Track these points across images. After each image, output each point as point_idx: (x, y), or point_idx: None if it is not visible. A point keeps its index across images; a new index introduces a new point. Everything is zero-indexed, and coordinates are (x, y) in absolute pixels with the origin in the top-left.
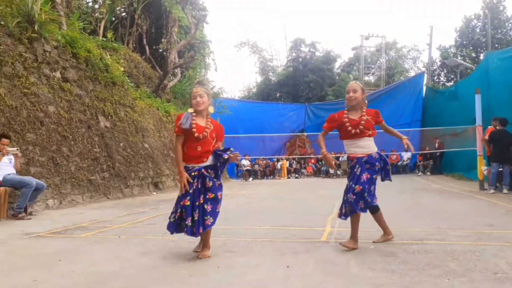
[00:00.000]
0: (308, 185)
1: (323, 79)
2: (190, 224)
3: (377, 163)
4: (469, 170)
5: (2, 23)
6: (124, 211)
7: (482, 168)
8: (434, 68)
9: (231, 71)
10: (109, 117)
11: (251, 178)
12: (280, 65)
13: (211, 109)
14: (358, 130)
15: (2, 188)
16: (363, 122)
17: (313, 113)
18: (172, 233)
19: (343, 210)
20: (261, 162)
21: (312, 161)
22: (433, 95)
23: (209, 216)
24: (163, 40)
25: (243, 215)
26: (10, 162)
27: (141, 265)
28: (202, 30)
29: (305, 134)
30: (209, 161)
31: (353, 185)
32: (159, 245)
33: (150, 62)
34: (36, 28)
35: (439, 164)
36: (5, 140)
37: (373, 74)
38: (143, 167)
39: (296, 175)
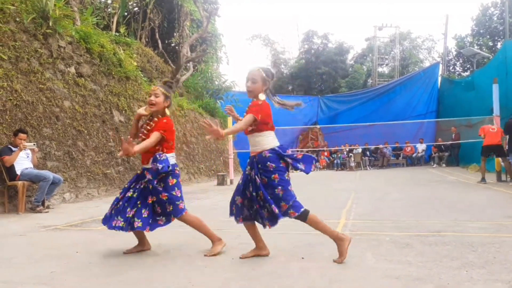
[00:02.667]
0: (322, 178)
1: (336, 70)
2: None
3: (268, 163)
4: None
5: (17, 19)
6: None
7: (499, 159)
8: (450, 58)
9: (243, 64)
10: (123, 111)
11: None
12: (292, 58)
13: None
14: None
15: (20, 182)
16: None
17: (326, 106)
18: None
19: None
20: None
21: (325, 154)
22: (449, 85)
23: (161, 217)
24: (175, 34)
25: None
26: (28, 156)
27: (156, 256)
28: (214, 23)
29: (318, 126)
30: (150, 164)
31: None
32: (173, 237)
33: (162, 56)
34: (50, 24)
35: (457, 155)
36: (22, 135)
37: (387, 65)
38: None
39: None
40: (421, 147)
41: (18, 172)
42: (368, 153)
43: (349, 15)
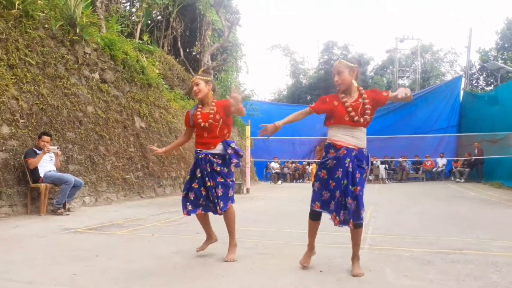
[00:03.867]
0: None
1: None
2: (204, 203)
3: (364, 162)
4: (509, 178)
5: (46, 26)
6: (157, 210)
7: None
8: (473, 71)
9: (262, 73)
10: (144, 117)
11: (280, 181)
12: (312, 68)
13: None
14: (358, 116)
15: (43, 184)
16: (364, 106)
17: None
18: (189, 214)
19: (342, 217)
20: (291, 165)
21: None
22: (471, 99)
23: (219, 200)
24: (196, 43)
25: (274, 217)
26: (51, 159)
27: (175, 264)
28: (235, 33)
29: None
30: (217, 149)
31: (350, 186)
32: (192, 244)
33: (184, 64)
34: (77, 31)
35: (481, 171)
36: (45, 137)
37: (407, 77)
38: (176, 167)
39: None
40: (441, 161)
41: (42, 175)
42: (387, 166)
43: (370, 26)
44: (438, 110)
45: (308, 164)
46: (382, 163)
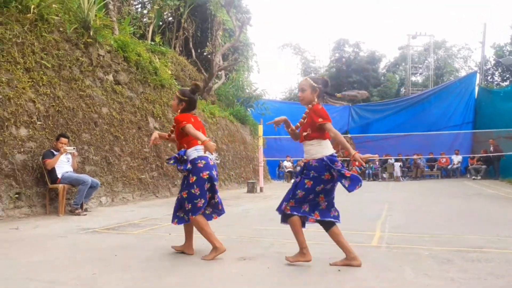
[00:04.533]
0: None
1: (368, 79)
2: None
3: (312, 171)
4: None
5: (61, 29)
6: (173, 210)
7: None
8: (488, 67)
9: (273, 72)
10: (158, 118)
11: (293, 180)
12: (323, 66)
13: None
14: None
15: (61, 185)
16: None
17: (358, 115)
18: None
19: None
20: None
21: (357, 163)
22: (487, 95)
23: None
24: (208, 43)
25: None
26: (68, 160)
27: (192, 263)
28: (246, 32)
29: (349, 135)
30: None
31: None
32: (208, 244)
33: (195, 65)
34: (91, 33)
35: (497, 168)
36: (63, 139)
37: (420, 74)
38: None
39: None
40: (456, 158)
41: (59, 176)
42: (401, 164)
43: (381, 23)
44: (452, 107)
45: None
46: (396, 161)
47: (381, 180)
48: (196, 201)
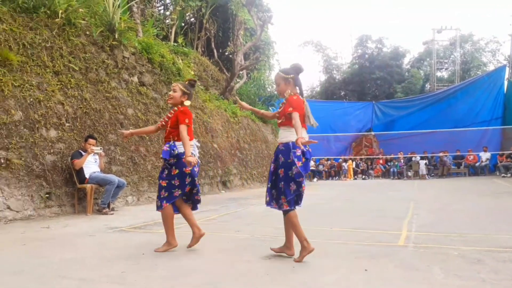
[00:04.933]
0: (377, 187)
1: (391, 75)
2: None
3: (280, 155)
4: None
5: (87, 32)
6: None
7: None
8: None
9: None
10: None
11: (315, 179)
12: (345, 63)
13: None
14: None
15: (88, 185)
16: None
17: (381, 112)
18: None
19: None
20: (326, 162)
21: (381, 161)
22: None
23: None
24: (229, 43)
25: (312, 215)
26: (96, 161)
27: (218, 261)
28: (267, 31)
29: (373, 133)
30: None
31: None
32: (233, 242)
33: (217, 65)
34: (116, 36)
35: None
36: (91, 140)
37: (446, 69)
38: (213, 166)
39: (363, 176)
40: (485, 155)
41: (87, 176)
42: (426, 161)
43: (405, 18)
44: (480, 102)
45: (345, 161)
46: (421, 158)
47: (406, 178)
48: (174, 191)
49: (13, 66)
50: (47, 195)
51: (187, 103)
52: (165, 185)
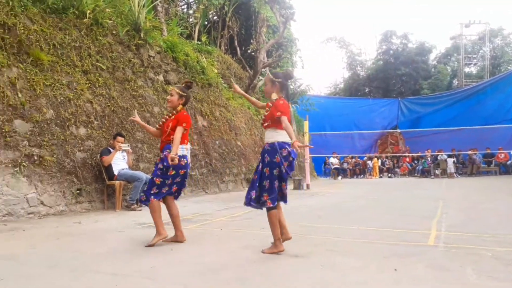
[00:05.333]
0: (403, 185)
1: (417, 71)
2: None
3: (266, 155)
4: None
5: (114, 32)
6: (222, 206)
7: None
8: None
9: (317, 67)
10: (206, 116)
11: (340, 177)
12: (369, 59)
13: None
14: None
15: (117, 181)
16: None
17: (407, 108)
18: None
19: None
20: (350, 160)
21: (407, 159)
22: None
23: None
24: (252, 41)
25: (337, 214)
26: (124, 158)
27: (245, 258)
28: (289, 28)
29: (398, 131)
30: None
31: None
32: (258, 239)
33: (240, 63)
34: (142, 35)
35: None
36: (120, 138)
37: (475, 64)
38: (237, 163)
39: (389, 175)
40: None
41: (116, 173)
42: (454, 159)
43: (431, 13)
44: (511, 98)
45: (370, 159)
46: (449, 156)
47: (433, 177)
48: (164, 188)
49: (44, 65)
50: (78, 191)
51: (179, 108)
52: (159, 183)
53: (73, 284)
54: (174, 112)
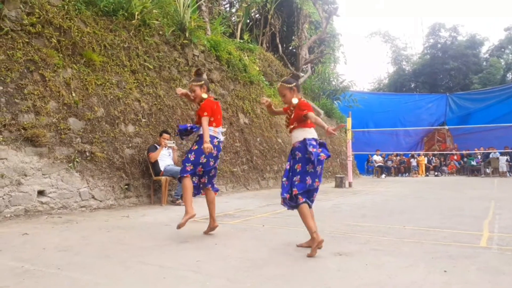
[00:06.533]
0: (451, 184)
1: (467, 65)
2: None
3: (297, 152)
4: None
5: (160, 32)
6: (263, 202)
7: None
8: None
9: (360, 63)
10: (247, 114)
11: (383, 175)
12: (415, 53)
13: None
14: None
15: (163, 177)
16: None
17: (456, 104)
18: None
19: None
20: (395, 158)
21: (455, 157)
22: None
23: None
24: (294, 37)
25: (382, 213)
26: (170, 154)
27: (288, 255)
28: (332, 23)
29: (446, 127)
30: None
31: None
32: (303, 236)
33: (282, 60)
34: (187, 35)
35: None
36: (165, 135)
37: None
38: (277, 160)
39: (436, 173)
40: None
41: (162, 168)
42: (508, 158)
43: (483, 3)
44: None
45: (414, 156)
46: (502, 154)
47: (483, 176)
48: (188, 164)
49: (96, 66)
50: (126, 186)
51: (204, 96)
52: (184, 158)
53: (123, 275)
54: (201, 102)
